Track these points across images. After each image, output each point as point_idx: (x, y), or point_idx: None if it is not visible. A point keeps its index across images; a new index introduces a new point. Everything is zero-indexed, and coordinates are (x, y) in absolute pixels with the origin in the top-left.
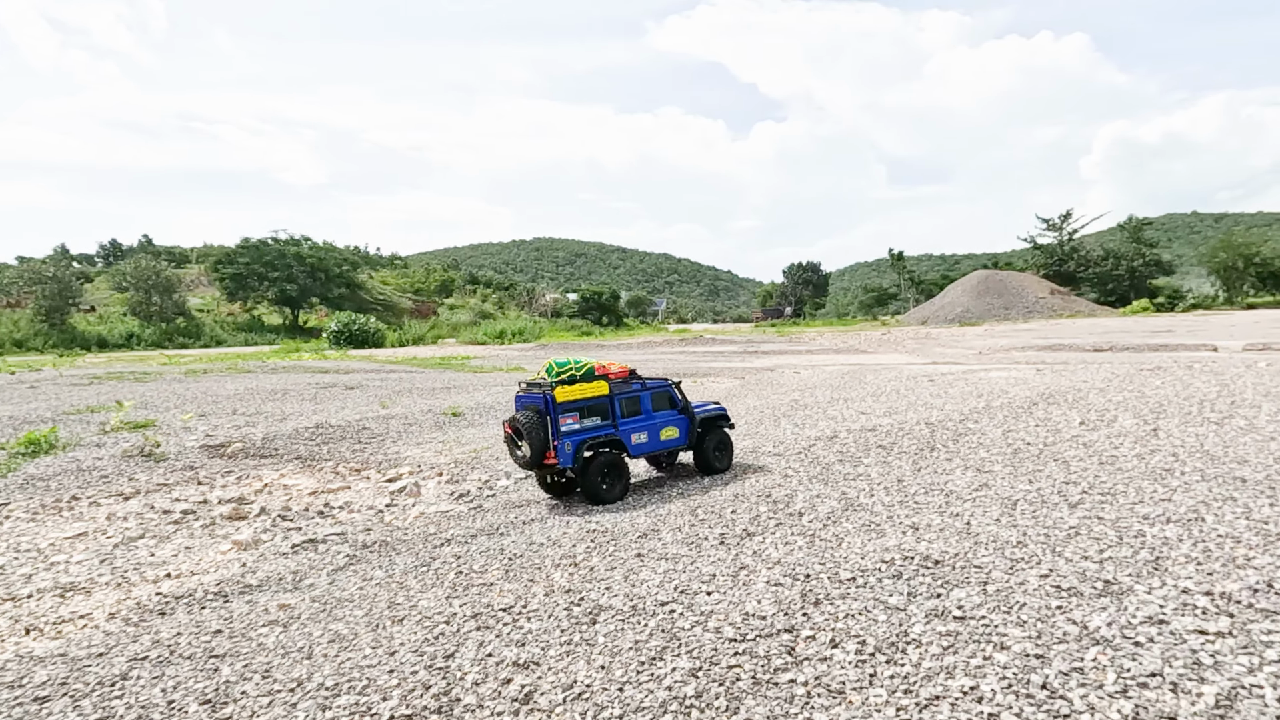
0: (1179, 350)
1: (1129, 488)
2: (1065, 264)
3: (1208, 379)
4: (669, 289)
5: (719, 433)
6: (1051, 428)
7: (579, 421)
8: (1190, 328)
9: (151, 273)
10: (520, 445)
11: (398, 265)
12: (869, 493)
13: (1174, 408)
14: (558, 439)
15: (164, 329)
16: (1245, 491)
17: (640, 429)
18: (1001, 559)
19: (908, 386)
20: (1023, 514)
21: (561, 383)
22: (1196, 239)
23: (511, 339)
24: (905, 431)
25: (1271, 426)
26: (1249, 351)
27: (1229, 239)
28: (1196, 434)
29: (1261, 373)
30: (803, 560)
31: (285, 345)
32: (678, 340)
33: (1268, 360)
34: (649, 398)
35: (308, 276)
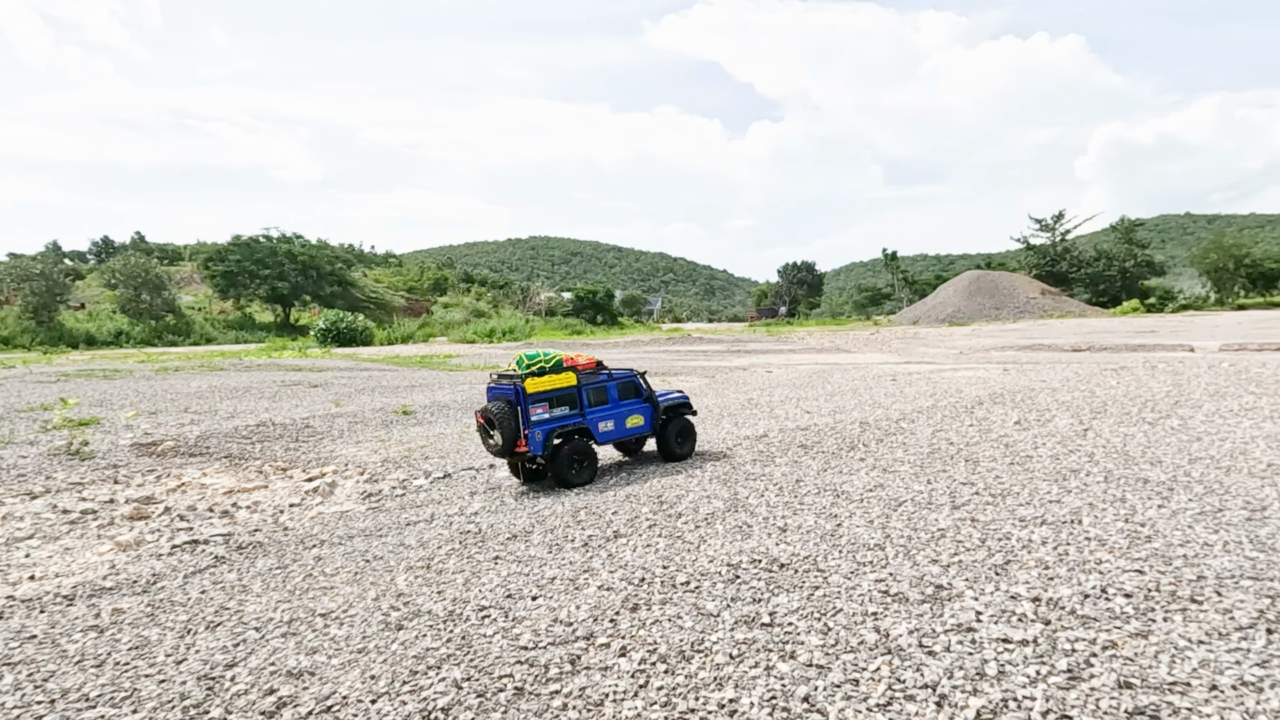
0: (1155, 350)
1: (1025, 489)
2: (1058, 264)
3: (1164, 379)
4: (665, 288)
5: (681, 420)
6: (984, 428)
7: (548, 411)
8: (1175, 328)
9: (141, 270)
10: (492, 434)
11: (392, 263)
12: (760, 493)
13: (1116, 407)
14: (528, 428)
15: (153, 326)
16: (1141, 493)
17: (607, 417)
18: (849, 562)
19: (868, 386)
20: (900, 516)
21: (531, 374)
22: (1190, 240)
23: (501, 338)
24: (836, 431)
25: (1203, 426)
26: (1224, 352)
27: (1220, 240)
28: (1125, 434)
29: (1221, 373)
30: (649, 564)
31: (273, 343)
32: (666, 339)
33: (1231, 361)
34: (615, 388)
35: (299, 274)
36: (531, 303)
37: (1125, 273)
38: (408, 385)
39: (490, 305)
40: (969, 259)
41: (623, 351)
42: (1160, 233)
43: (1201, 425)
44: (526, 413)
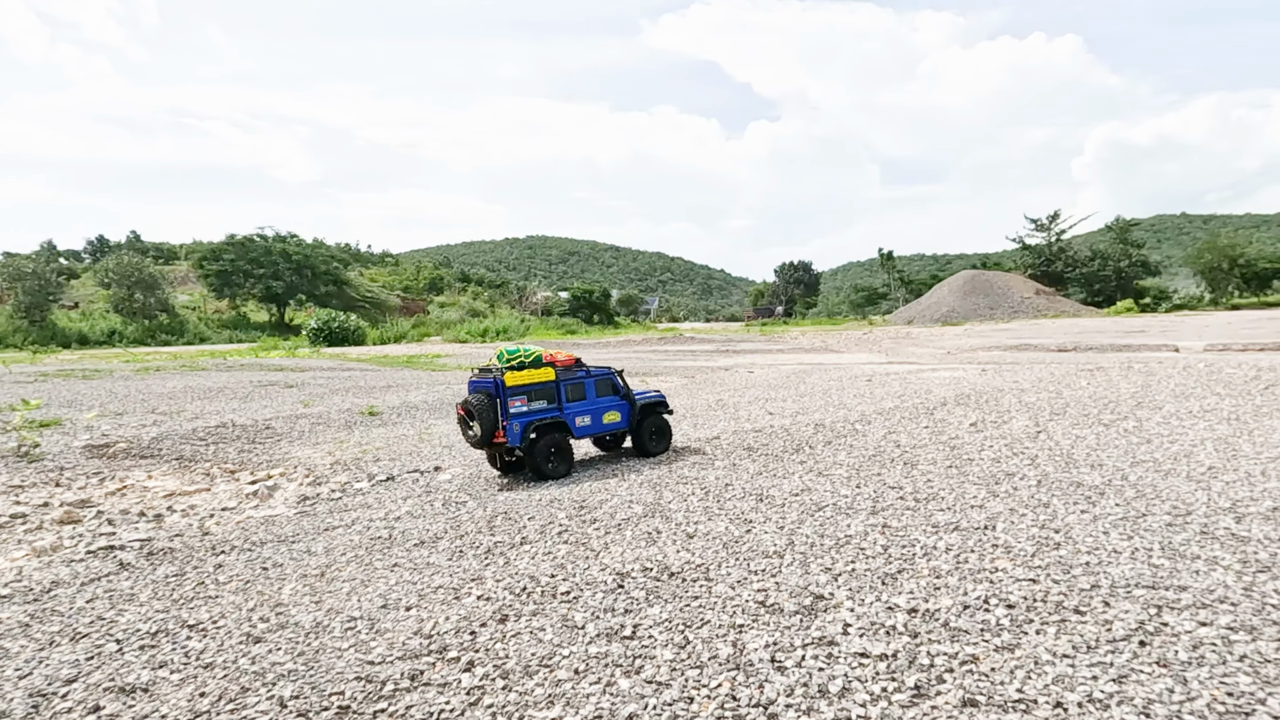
0: (1140, 351)
1: (952, 493)
2: (1053, 264)
3: (1136, 380)
4: (662, 288)
5: (657, 418)
6: (938, 430)
7: (526, 404)
8: (1164, 328)
9: (134, 269)
10: (472, 426)
11: (389, 262)
12: (685, 498)
13: (1077, 409)
14: (506, 419)
15: (146, 326)
16: (1070, 497)
17: (584, 412)
18: (741, 571)
19: (841, 387)
20: (815, 522)
21: (511, 369)
22: (1186, 240)
23: (495, 337)
24: (789, 433)
25: (1157, 428)
26: (1208, 352)
27: (1214, 241)
28: (1076, 436)
29: (1194, 374)
30: (540, 572)
31: (264, 343)
32: (657, 339)
33: (1209, 361)
34: (593, 384)
35: (294, 274)
36: (528, 302)
37: (1120, 273)
38: (384, 385)
39: (487, 305)
40: (966, 259)
41: (613, 351)
42: (1156, 233)
43: (1156, 427)
44: (505, 405)
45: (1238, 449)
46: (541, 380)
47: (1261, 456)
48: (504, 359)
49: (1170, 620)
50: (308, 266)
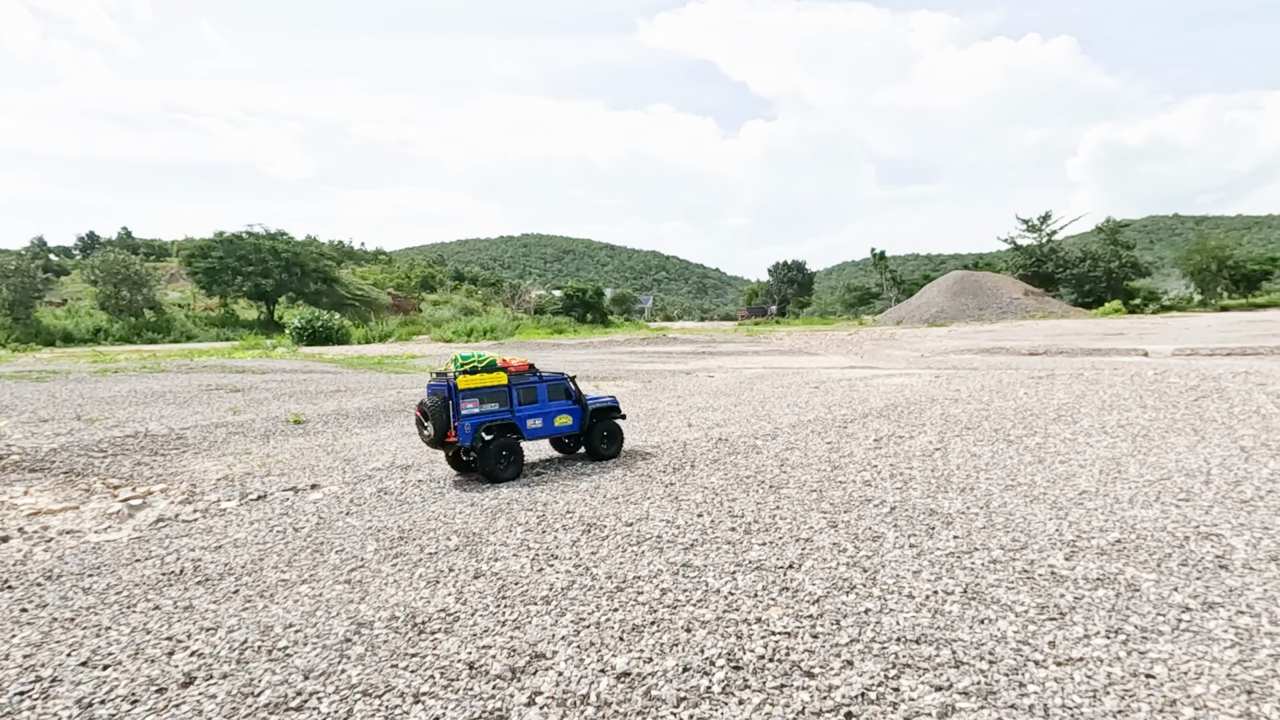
0: (1110, 355)
1: (791, 523)
2: (1044, 265)
3: (1076, 389)
4: (657, 286)
5: (609, 422)
6: (837, 446)
7: (479, 406)
8: (1144, 330)
9: (121, 266)
10: (426, 426)
11: (382, 260)
12: (513, 527)
13: (994, 422)
14: (458, 420)
15: (132, 324)
16: (909, 529)
17: (536, 415)
18: (488, 621)
19: (785, 394)
20: (617, 559)
21: (464, 373)
22: (1178, 241)
23: (482, 336)
24: (685, 450)
25: (1062, 445)
26: (1176, 357)
27: (1203, 242)
28: (971, 454)
29: (1137, 383)
30: (275, 621)
31: (246, 342)
32: (640, 339)
33: (1163, 368)
34: (545, 389)
35: (283, 271)
36: (521, 301)
37: (1110, 273)
38: (333, 390)
39: (481, 303)
40: (960, 258)
41: (590, 352)
42: (1149, 234)
43: (1059, 445)
44: (457, 406)
45: (1124, 471)
46: (493, 384)
47: (1141, 480)
48: (458, 364)
49: (903, 684)
50: (297, 264)
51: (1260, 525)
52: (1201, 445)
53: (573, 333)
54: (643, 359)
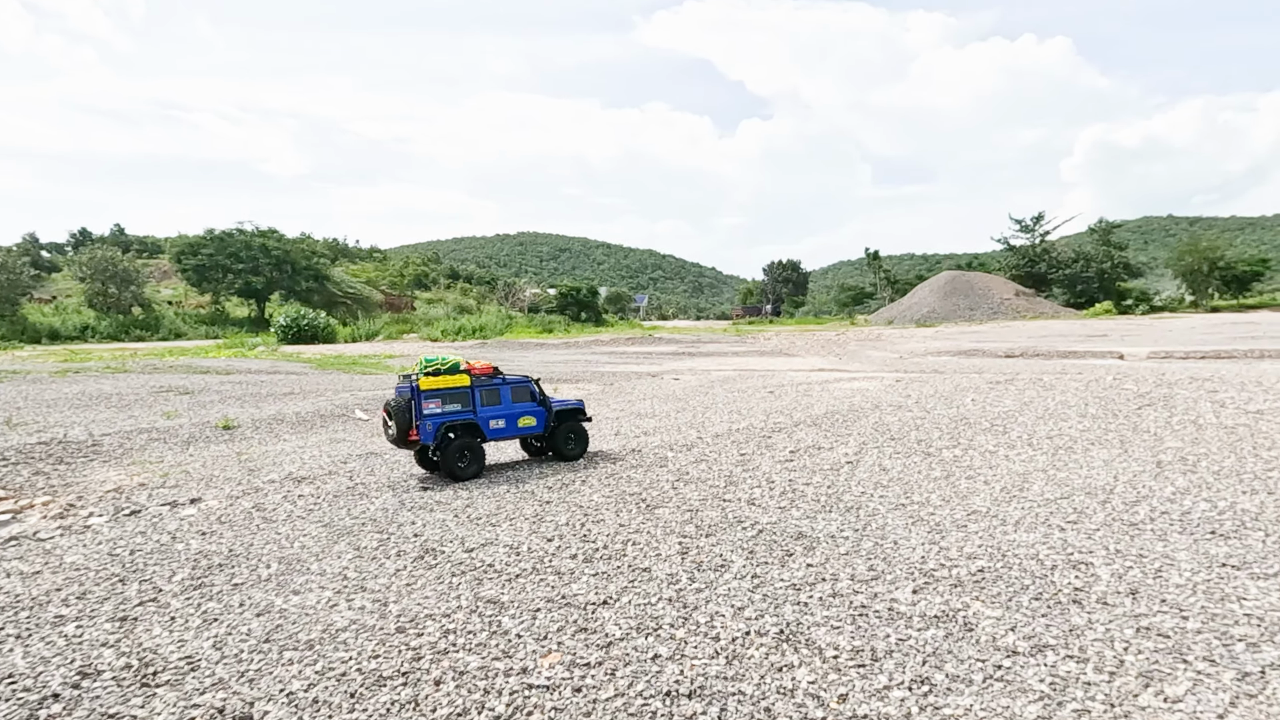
0: (1086, 357)
1: (644, 547)
2: (1036, 265)
3: (1027, 394)
4: (653, 285)
5: (574, 424)
6: (750, 458)
7: (441, 406)
8: (1128, 332)
9: (109, 263)
10: (390, 425)
11: (376, 258)
12: (341, 554)
13: (924, 432)
14: (419, 419)
15: (120, 321)
16: (762, 556)
17: (498, 416)
18: (196, 683)
19: (737, 399)
20: (439, 584)
21: (428, 374)
22: (1172, 242)
23: (471, 335)
24: (598, 459)
25: (977, 459)
26: (1151, 359)
27: (1194, 243)
28: (881, 468)
29: (1089, 389)
30: (96, 650)
31: (230, 340)
32: (625, 339)
33: (1118, 374)
34: (508, 391)
35: (273, 269)
36: (515, 299)
37: (1103, 274)
38: (286, 393)
39: (476, 301)
40: (955, 258)
41: (573, 351)
42: (1143, 234)
43: (979, 457)
44: (419, 406)
45: (1026, 489)
46: (456, 385)
47: (1039, 499)
48: (423, 366)
49: None
50: (288, 262)
51: (1136, 553)
52: (1120, 459)
53: (563, 332)
54: (619, 360)
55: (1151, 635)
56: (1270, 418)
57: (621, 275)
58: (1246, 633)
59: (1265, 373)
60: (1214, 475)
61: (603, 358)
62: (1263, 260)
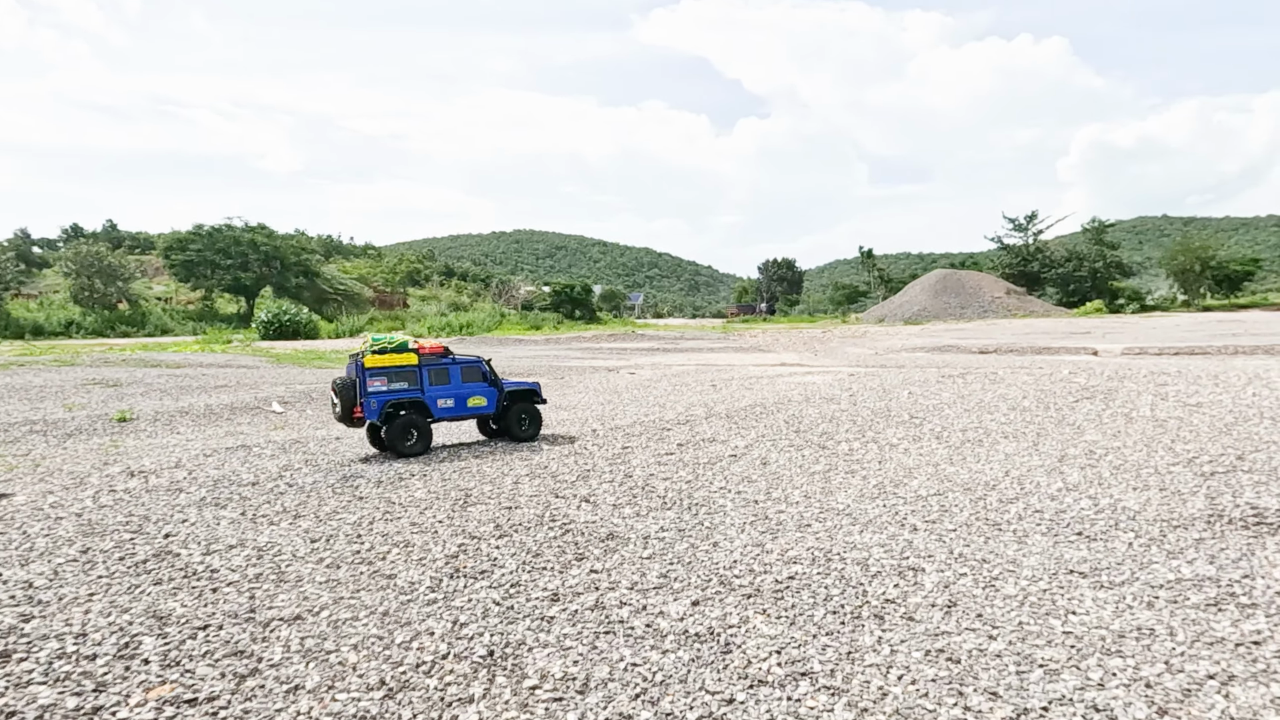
0: (1060, 353)
1: (424, 550)
2: (1029, 264)
3: (972, 389)
4: (650, 283)
5: (528, 405)
6: (632, 451)
7: (386, 385)
8: (1111, 330)
9: (94, 258)
10: (337, 403)
11: (371, 255)
12: (89, 562)
13: (831, 425)
14: (364, 397)
15: (106, 317)
16: (541, 560)
17: (446, 396)
18: None
19: (668, 393)
20: (153, 586)
21: (374, 353)
22: (1166, 242)
23: (460, 331)
24: (454, 454)
25: (869, 455)
26: (1125, 355)
27: (1187, 243)
28: (761, 461)
29: (1047, 383)
30: None
31: (211, 335)
32: (608, 336)
33: (1076, 368)
34: (458, 371)
35: (262, 265)
36: (508, 296)
37: (1095, 273)
38: (219, 385)
39: (471, 298)
40: (951, 257)
41: (546, 347)
42: (1138, 234)
43: (876, 451)
44: (364, 384)
45: (904, 484)
46: (403, 364)
47: (910, 495)
48: (371, 345)
49: None
50: (277, 258)
51: (981, 557)
52: (1025, 453)
53: (552, 329)
54: (591, 355)
55: (940, 660)
56: (1207, 410)
57: (618, 273)
58: (1053, 656)
59: (1232, 368)
60: (1112, 470)
61: (575, 353)
62: (1254, 260)
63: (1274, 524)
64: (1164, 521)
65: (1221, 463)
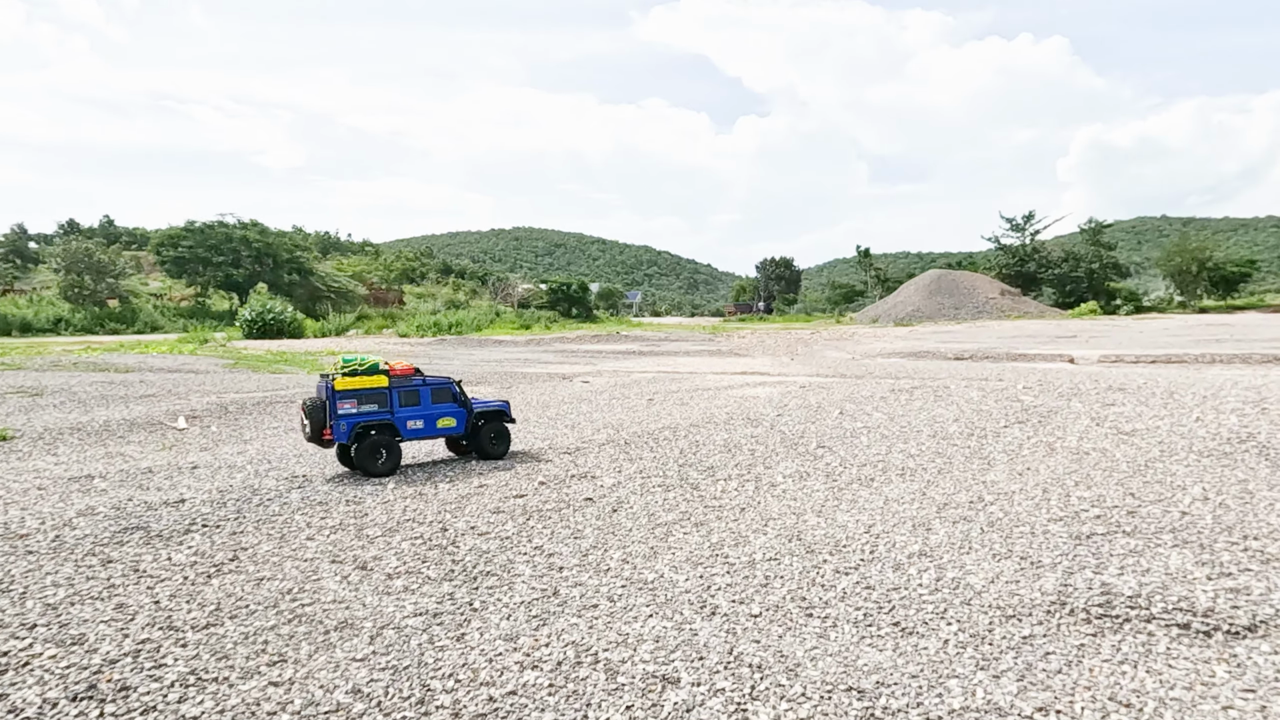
0: (1034, 360)
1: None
2: (1026, 265)
3: (909, 408)
4: (649, 281)
5: (498, 424)
6: (466, 497)
7: (356, 407)
8: (1098, 333)
9: (83, 254)
10: (307, 424)
11: (369, 251)
12: None
13: (717, 460)
14: (334, 419)
15: (95, 313)
16: (296, 645)
17: (416, 417)
18: None
19: (595, 411)
20: None
21: (346, 374)
22: (1165, 242)
23: (449, 330)
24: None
25: (747, 494)
26: (1101, 364)
27: (1183, 243)
28: (617, 506)
29: (992, 402)
30: None
31: (191, 333)
32: (590, 337)
33: (1033, 382)
34: (428, 392)
35: (254, 261)
36: (503, 293)
37: (1092, 274)
38: (145, 395)
39: (468, 296)
40: (950, 257)
41: (518, 350)
42: (1137, 235)
43: (750, 494)
44: (334, 406)
45: (736, 547)
46: (374, 386)
47: (737, 560)
48: (342, 365)
49: None
50: (269, 255)
51: (754, 662)
52: (907, 500)
53: (543, 328)
54: (562, 359)
55: None
56: (1137, 440)
57: (617, 271)
58: None
59: (1199, 381)
60: (984, 528)
61: (548, 356)
62: (1251, 261)
63: (1119, 617)
64: (1000, 609)
65: (1109, 519)
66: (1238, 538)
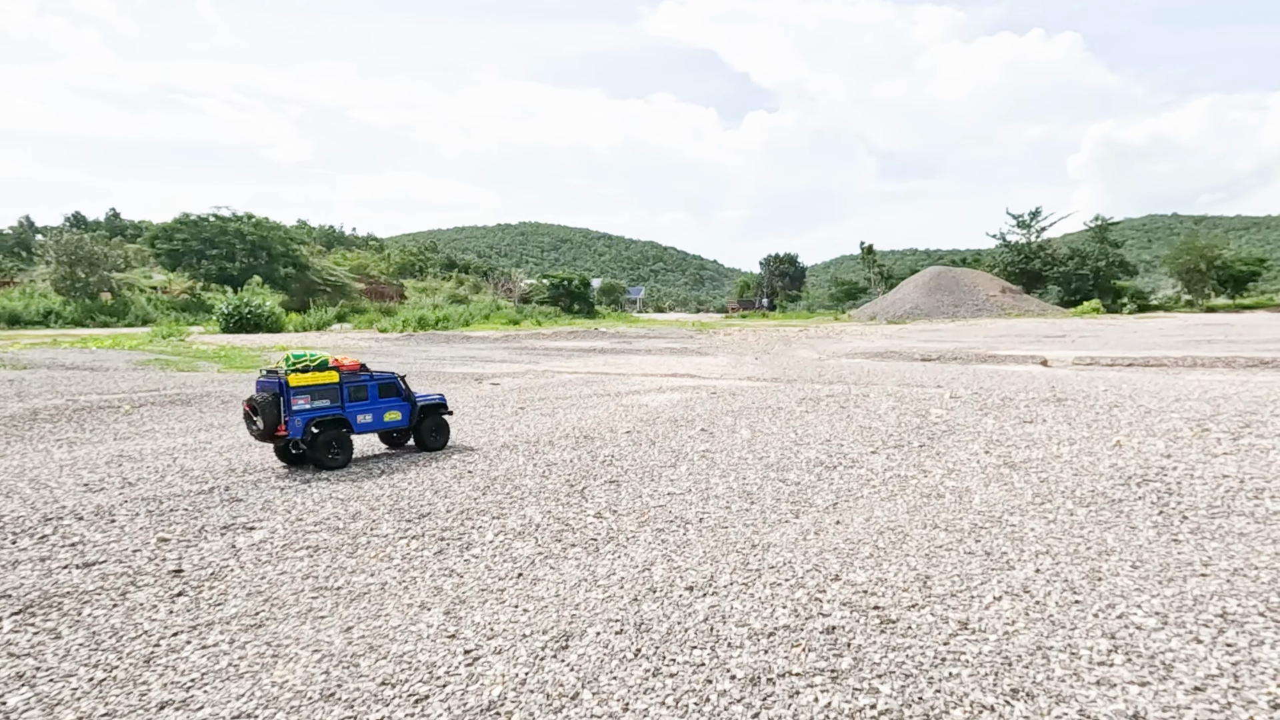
0: (1006, 363)
1: None
2: (1031, 262)
3: (801, 423)
4: (654, 277)
5: (436, 417)
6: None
7: (309, 402)
8: (1091, 332)
9: (75, 246)
10: (256, 420)
11: (373, 246)
12: None
13: (489, 502)
14: (289, 415)
15: (86, 306)
16: None
17: (366, 411)
18: None
19: (510, 416)
20: None
21: (296, 371)
22: (1176, 241)
23: (434, 326)
24: None
25: (508, 550)
26: (1075, 366)
27: (1192, 242)
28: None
29: (888, 418)
30: None
31: (167, 326)
32: (567, 333)
33: (977, 391)
34: (376, 387)
35: (248, 255)
36: (503, 288)
37: (1098, 272)
38: (30, 394)
39: (471, 291)
40: (958, 254)
41: (480, 347)
42: (1148, 233)
43: (512, 550)
44: (289, 403)
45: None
46: (325, 382)
47: (479, 628)
48: (290, 363)
49: None
50: (264, 248)
51: None
52: (586, 589)
53: (533, 324)
54: (516, 355)
55: None
56: (1019, 475)
57: (623, 267)
58: None
59: (1163, 387)
60: (628, 658)
61: (501, 353)
62: (1260, 260)
63: None
64: None
65: (844, 634)
66: (1005, 690)
